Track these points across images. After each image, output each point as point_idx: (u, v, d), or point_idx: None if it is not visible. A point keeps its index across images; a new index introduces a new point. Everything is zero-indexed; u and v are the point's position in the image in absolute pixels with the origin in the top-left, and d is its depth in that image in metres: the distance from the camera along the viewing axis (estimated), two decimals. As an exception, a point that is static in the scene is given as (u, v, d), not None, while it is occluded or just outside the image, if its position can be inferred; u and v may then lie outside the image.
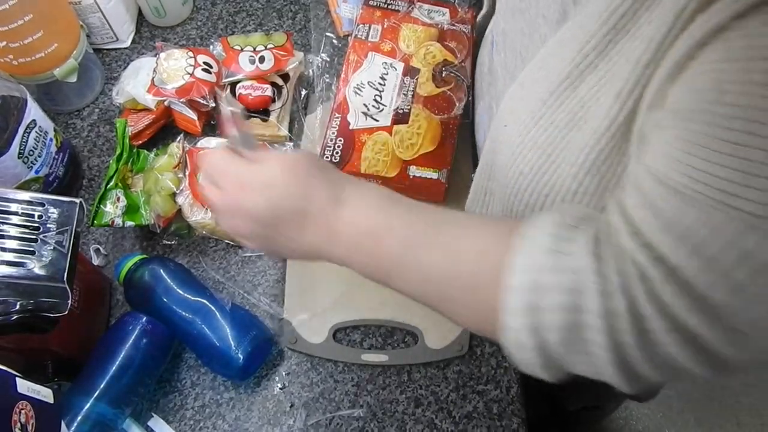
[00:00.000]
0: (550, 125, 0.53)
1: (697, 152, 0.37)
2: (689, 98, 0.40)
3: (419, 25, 0.87)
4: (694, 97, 0.39)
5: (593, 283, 0.40)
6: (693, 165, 0.38)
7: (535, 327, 0.43)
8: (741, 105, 0.35)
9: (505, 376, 0.73)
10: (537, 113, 0.54)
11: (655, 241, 0.39)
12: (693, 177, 0.37)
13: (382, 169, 0.78)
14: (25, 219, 0.60)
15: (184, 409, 0.71)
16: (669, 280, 0.38)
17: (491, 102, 0.75)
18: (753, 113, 0.35)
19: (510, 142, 0.58)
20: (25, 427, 0.50)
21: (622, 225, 0.41)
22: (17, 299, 0.57)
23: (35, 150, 0.74)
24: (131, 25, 0.96)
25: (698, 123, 0.38)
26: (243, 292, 0.77)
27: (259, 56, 0.85)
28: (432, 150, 0.79)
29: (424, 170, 0.78)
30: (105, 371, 0.66)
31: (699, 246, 0.37)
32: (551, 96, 0.53)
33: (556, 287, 0.42)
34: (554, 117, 0.53)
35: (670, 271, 0.38)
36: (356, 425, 0.70)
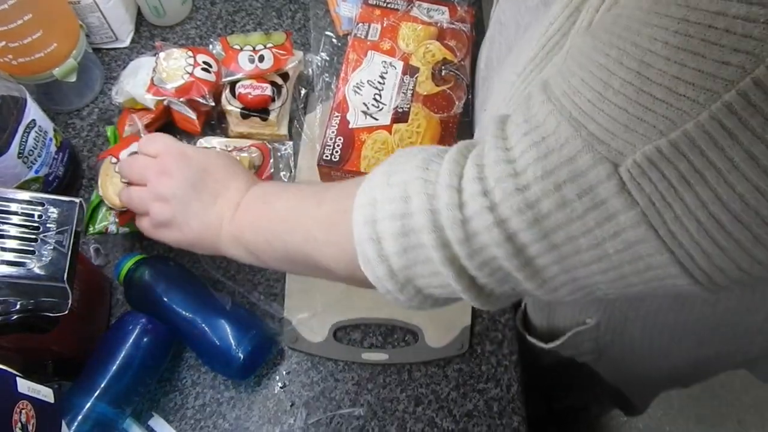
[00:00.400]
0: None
1: (576, 70, 0.38)
2: (596, 26, 0.41)
3: (419, 24, 0.87)
4: (597, 25, 0.41)
5: (419, 186, 0.43)
6: (569, 80, 0.38)
7: (374, 237, 0.45)
8: (618, 35, 0.35)
9: (506, 374, 0.73)
10: (507, 95, 0.55)
11: (509, 136, 0.40)
12: (564, 90, 0.38)
13: None
14: (24, 219, 0.60)
15: (185, 409, 0.71)
16: (505, 179, 0.38)
17: (485, 96, 0.76)
18: (623, 43, 0.34)
19: (486, 126, 0.59)
20: (25, 426, 0.50)
21: (486, 136, 0.42)
22: (17, 299, 0.58)
23: (35, 150, 0.74)
24: (130, 25, 0.96)
25: (588, 46, 0.38)
26: (243, 291, 0.77)
27: (258, 55, 0.85)
28: None
29: None
30: (105, 371, 0.66)
31: (543, 155, 0.37)
32: (519, 77, 0.54)
33: (388, 198, 0.44)
34: (520, 98, 0.54)
35: (511, 173, 0.38)
36: (357, 424, 0.71)
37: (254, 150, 0.81)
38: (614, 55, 0.34)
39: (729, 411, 1.69)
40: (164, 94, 0.81)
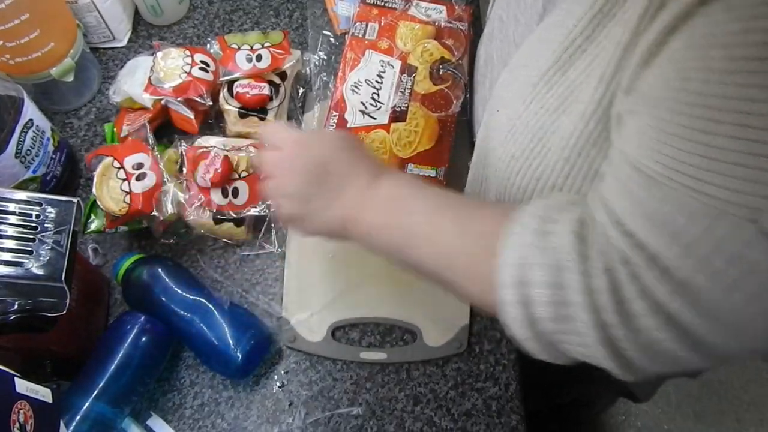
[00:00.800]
0: (540, 109, 0.54)
1: (666, 140, 0.38)
2: (658, 85, 0.41)
3: (416, 23, 0.87)
4: (662, 83, 0.40)
5: (573, 261, 0.42)
6: (664, 152, 0.38)
7: (523, 301, 0.44)
8: (703, 93, 0.36)
9: (504, 373, 0.73)
10: (527, 97, 0.55)
11: (635, 229, 0.40)
12: (665, 164, 0.38)
13: None
14: (22, 219, 0.60)
15: (183, 408, 0.71)
16: (650, 266, 0.39)
17: (485, 93, 0.76)
18: (714, 101, 0.35)
19: (501, 127, 0.59)
20: (24, 426, 0.50)
21: (604, 215, 0.42)
22: (15, 299, 0.57)
23: (32, 149, 0.74)
24: (128, 24, 0.96)
25: (665, 110, 0.38)
26: (241, 290, 0.77)
27: (256, 55, 0.85)
28: (430, 148, 0.79)
29: (422, 168, 0.78)
30: (104, 371, 0.66)
31: (677, 233, 0.37)
32: (541, 80, 0.54)
33: (540, 264, 0.43)
34: (544, 101, 0.54)
35: (652, 257, 0.39)
36: (355, 423, 0.71)
37: (252, 149, 0.81)
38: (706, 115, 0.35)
39: (728, 408, 1.70)
40: (162, 93, 0.81)
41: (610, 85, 0.47)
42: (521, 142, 0.56)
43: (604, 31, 0.49)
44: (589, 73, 0.50)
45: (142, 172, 0.74)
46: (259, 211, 0.78)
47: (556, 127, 0.53)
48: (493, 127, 0.61)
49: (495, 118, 0.61)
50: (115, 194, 0.72)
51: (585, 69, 0.51)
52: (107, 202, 0.72)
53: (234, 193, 0.77)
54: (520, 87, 0.57)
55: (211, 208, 0.76)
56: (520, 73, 0.58)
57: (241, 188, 0.77)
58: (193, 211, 0.76)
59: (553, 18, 0.54)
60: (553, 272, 0.42)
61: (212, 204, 0.76)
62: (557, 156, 0.53)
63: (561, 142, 0.52)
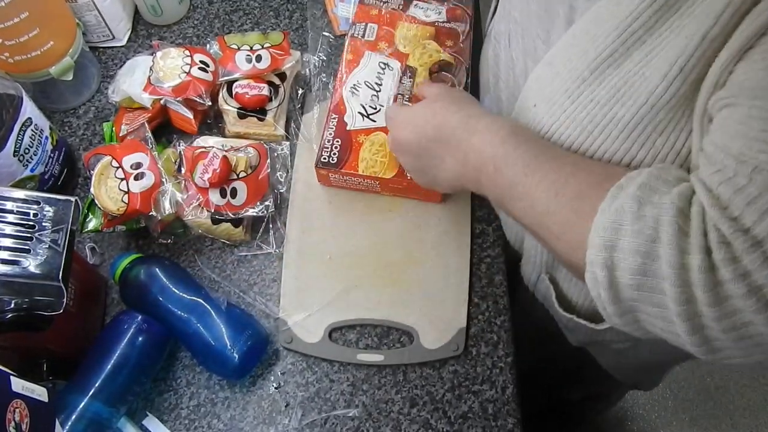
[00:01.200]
0: (590, 102, 0.54)
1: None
2: (759, 75, 0.41)
3: (415, 24, 0.87)
4: (764, 74, 0.41)
5: (672, 235, 0.42)
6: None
7: (609, 264, 0.44)
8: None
9: (501, 376, 0.73)
10: (575, 91, 0.56)
11: (739, 215, 0.40)
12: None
13: (380, 170, 0.78)
14: (20, 217, 0.60)
15: (179, 408, 0.71)
16: (752, 250, 0.39)
17: (498, 93, 0.75)
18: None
19: (541, 121, 0.59)
20: (19, 425, 0.50)
21: (707, 199, 0.43)
22: (12, 298, 0.57)
23: (31, 148, 0.74)
24: (128, 24, 0.96)
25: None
26: (238, 291, 0.77)
27: (255, 55, 0.85)
28: None
29: None
30: (100, 370, 0.66)
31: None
32: (592, 73, 0.54)
33: (634, 230, 0.43)
34: (595, 94, 0.54)
35: (755, 242, 0.39)
36: (351, 425, 0.70)
37: (251, 150, 0.81)
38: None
39: (723, 413, 1.70)
40: (161, 93, 0.81)
41: (688, 76, 0.47)
42: (568, 135, 0.57)
43: (667, 24, 0.49)
44: (647, 64, 0.50)
45: (141, 172, 0.74)
46: (257, 212, 0.78)
47: (609, 119, 0.53)
48: (529, 121, 0.62)
49: (531, 113, 0.61)
50: (113, 194, 0.72)
51: (642, 60, 0.51)
52: (105, 202, 0.72)
53: (232, 194, 0.77)
54: (564, 81, 0.57)
55: (209, 208, 0.76)
56: (562, 67, 0.58)
57: (240, 189, 0.77)
58: (191, 211, 0.76)
59: (601, 10, 0.54)
60: (646, 242, 0.43)
61: (210, 204, 0.76)
62: (614, 147, 0.53)
63: (616, 132, 0.53)
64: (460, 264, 0.78)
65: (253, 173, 0.79)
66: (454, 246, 0.79)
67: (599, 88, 0.54)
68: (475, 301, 0.77)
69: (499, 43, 0.75)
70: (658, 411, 1.70)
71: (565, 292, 0.76)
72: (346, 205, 0.81)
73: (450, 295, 0.76)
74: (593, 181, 0.50)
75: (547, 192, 0.52)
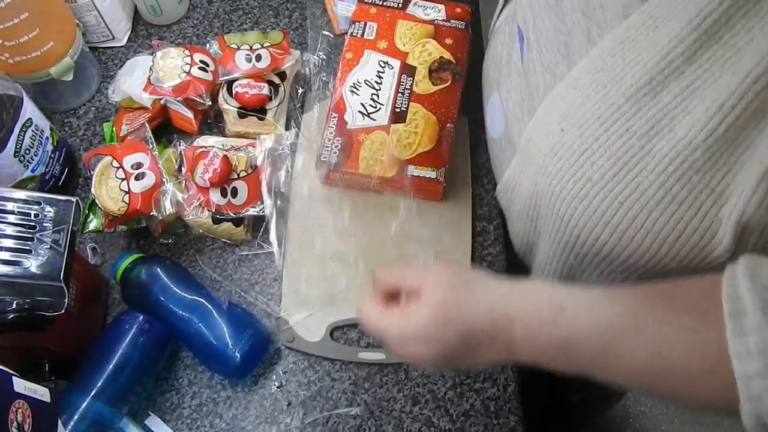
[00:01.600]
0: (625, 132, 0.52)
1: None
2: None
3: (415, 22, 0.87)
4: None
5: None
6: None
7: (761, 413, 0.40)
8: None
9: (502, 374, 0.73)
10: (608, 119, 0.53)
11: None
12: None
13: (380, 169, 0.78)
14: (21, 218, 0.60)
15: (182, 408, 0.71)
16: None
17: (510, 95, 0.74)
18: None
19: (571, 147, 0.57)
20: (21, 426, 0.50)
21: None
22: (14, 298, 0.57)
23: (31, 149, 0.74)
24: (127, 24, 0.96)
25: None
26: (240, 290, 0.77)
27: (255, 54, 0.85)
28: (430, 149, 0.79)
29: (422, 169, 0.78)
30: (102, 370, 0.66)
31: None
32: (627, 102, 0.52)
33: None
34: (630, 124, 0.52)
35: None
36: (353, 423, 0.71)
37: (251, 149, 0.81)
38: None
39: (725, 411, 1.70)
40: (161, 93, 0.81)
41: (729, 114, 0.46)
42: (600, 165, 0.54)
43: (707, 54, 0.48)
44: (689, 97, 0.49)
45: (141, 172, 0.74)
46: (257, 211, 0.78)
47: (646, 151, 0.51)
48: (554, 145, 0.58)
49: (558, 138, 0.58)
50: (113, 194, 0.72)
51: (683, 92, 0.49)
52: (106, 202, 0.72)
53: (233, 193, 0.77)
54: (597, 107, 0.54)
55: (209, 207, 0.76)
56: (592, 92, 0.55)
57: (240, 188, 0.77)
58: (191, 211, 0.76)
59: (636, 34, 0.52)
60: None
61: (211, 204, 0.76)
62: (648, 180, 0.51)
63: (653, 166, 0.51)
64: (461, 262, 0.78)
65: (254, 173, 0.79)
66: (454, 244, 0.79)
67: (635, 117, 0.52)
68: (476, 299, 0.77)
69: (513, 43, 0.73)
70: (661, 408, 1.70)
71: None
72: (346, 203, 0.81)
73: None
74: (689, 325, 0.45)
75: (647, 353, 0.46)
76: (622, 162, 0.53)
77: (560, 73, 0.61)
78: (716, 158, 0.48)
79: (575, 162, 0.57)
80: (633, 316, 0.47)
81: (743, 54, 0.46)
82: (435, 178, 0.78)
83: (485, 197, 0.83)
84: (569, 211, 0.59)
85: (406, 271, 0.57)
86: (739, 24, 0.46)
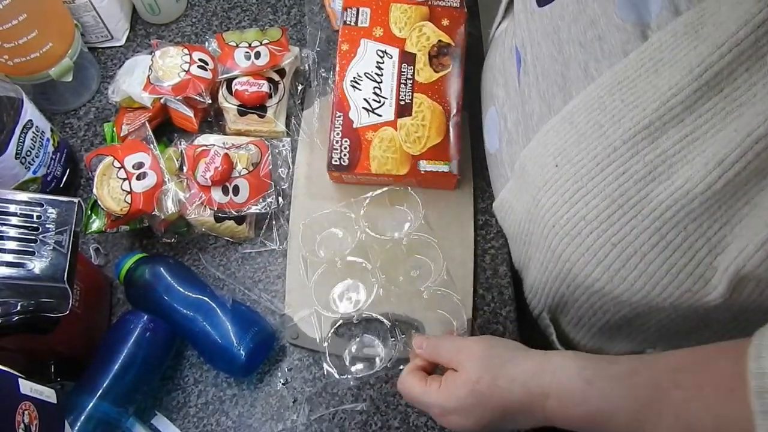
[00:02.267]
0: (621, 174, 0.52)
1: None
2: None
3: (408, 4, 0.84)
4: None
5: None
6: None
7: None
8: None
9: (508, 367, 0.73)
10: (604, 160, 0.53)
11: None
12: None
13: (392, 167, 0.77)
14: (23, 220, 0.60)
15: (188, 407, 0.71)
16: None
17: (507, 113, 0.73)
18: None
19: (564, 185, 0.57)
20: (28, 427, 0.50)
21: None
22: (18, 300, 0.57)
23: (32, 150, 0.74)
24: (126, 23, 0.96)
25: None
26: (244, 288, 0.77)
27: (254, 52, 0.85)
28: (439, 141, 0.78)
29: (434, 164, 0.78)
30: (108, 370, 0.66)
31: None
32: (624, 144, 0.52)
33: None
34: (627, 166, 0.52)
35: None
36: (360, 419, 0.71)
37: (252, 147, 0.81)
38: None
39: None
40: (161, 92, 0.80)
41: (729, 170, 0.46)
42: (595, 205, 0.55)
43: (707, 105, 0.48)
44: (689, 146, 0.49)
45: (143, 172, 0.74)
46: (259, 209, 0.78)
47: (643, 196, 0.51)
48: (548, 180, 0.59)
49: (552, 173, 0.59)
50: (115, 194, 0.72)
51: (682, 140, 0.49)
52: (108, 202, 0.72)
53: (234, 191, 0.77)
54: (593, 147, 0.55)
55: (211, 206, 0.76)
56: (588, 130, 0.55)
57: (242, 186, 0.77)
58: (193, 210, 0.76)
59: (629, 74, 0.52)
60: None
61: (213, 202, 0.76)
62: (644, 225, 0.52)
63: (649, 212, 0.51)
64: (464, 256, 0.78)
65: (255, 170, 0.78)
66: (458, 238, 0.79)
67: (631, 161, 0.52)
68: (480, 293, 0.77)
69: (511, 60, 0.72)
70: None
71: (567, 333, 0.74)
72: (348, 199, 0.81)
73: (455, 288, 0.76)
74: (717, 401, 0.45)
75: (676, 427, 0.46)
76: (617, 204, 0.53)
77: (556, 106, 0.61)
78: (713, 210, 0.49)
79: (569, 199, 0.57)
80: (660, 392, 0.48)
81: (745, 109, 0.46)
82: (448, 172, 0.77)
83: (487, 190, 0.83)
84: (561, 247, 0.60)
85: (440, 346, 0.61)
86: (741, 78, 0.46)
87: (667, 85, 0.49)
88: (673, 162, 0.50)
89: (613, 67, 0.54)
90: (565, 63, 0.60)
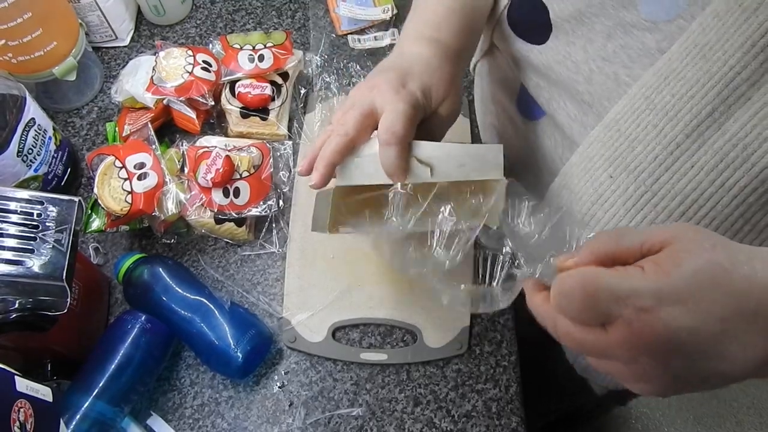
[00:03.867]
0: (690, 168, 0.50)
1: None
2: None
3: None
4: None
5: None
6: None
7: None
8: None
9: (504, 375, 0.73)
10: (667, 158, 0.51)
11: None
12: None
13: None
14: (24, 217, 0.60)
15: (183, 408, 0.71)
16: None
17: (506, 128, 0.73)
18: None
19: (624, 193, 0.54)
20: (24, 425, 0.50)
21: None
22: (16, 298, 0.57)
23: (34, 148, 0.74)
24: (130, 24, 0.96)
25: None
26: (242, 290, 0.77)
27: (258, 55, 0.85)
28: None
29: None
30: (104, 370, 0.66)
31: None
32: (688, 138, 0.49)
33: None
34: (695, 159, 0.50)
35: None
36: (355, 424, 0.71)
37: (254, 150, 0.81)
38: None
39: (727, 411, 1.70)
40: (164, 93, 0.81)
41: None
42: (665, 206, 0.52)
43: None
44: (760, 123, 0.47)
45: (144, 172, 0.74)
46: (260, 211, 0.78)
47: (719, 185, 0.49)
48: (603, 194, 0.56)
49: (607, 185, 0.55)
50: (116, 194, 0.72)
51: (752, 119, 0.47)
52: (109, 202, 0.72)
53: (235, 193, 0.77)
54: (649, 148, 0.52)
55: (212, 208, 0.76)
56: (642, 132, 0.53)
57: (243, 188, 0.77)
58: (194, 211, 0.76)
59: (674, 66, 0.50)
60: None
61: (213, 204, 0.76)
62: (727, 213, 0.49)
63: (728, 199, 0.49)
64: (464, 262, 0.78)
65: (256, 173, 0.79)
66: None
67: (699, 152, 0.49)
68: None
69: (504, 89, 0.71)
70: (663, 409, 1.70)
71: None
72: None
73: (453, 294, 0.76)
74: None
75: None
76: (691, 200, 0.50)
77: (588, 121, 0.59)
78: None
79: (632, 207, 0.54)
80: None
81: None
82: None
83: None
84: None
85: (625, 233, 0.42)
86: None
87: (725, 67, 0.46)
88: (747, 144, 0.47)
89: (655, 65, 0.51)
90: (588, 80, 0.58)
